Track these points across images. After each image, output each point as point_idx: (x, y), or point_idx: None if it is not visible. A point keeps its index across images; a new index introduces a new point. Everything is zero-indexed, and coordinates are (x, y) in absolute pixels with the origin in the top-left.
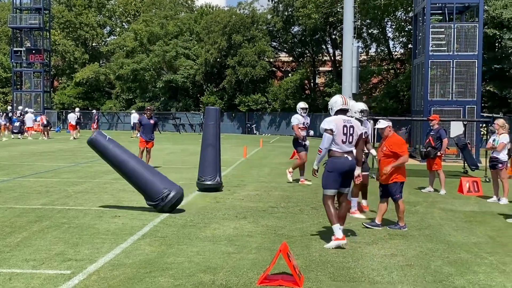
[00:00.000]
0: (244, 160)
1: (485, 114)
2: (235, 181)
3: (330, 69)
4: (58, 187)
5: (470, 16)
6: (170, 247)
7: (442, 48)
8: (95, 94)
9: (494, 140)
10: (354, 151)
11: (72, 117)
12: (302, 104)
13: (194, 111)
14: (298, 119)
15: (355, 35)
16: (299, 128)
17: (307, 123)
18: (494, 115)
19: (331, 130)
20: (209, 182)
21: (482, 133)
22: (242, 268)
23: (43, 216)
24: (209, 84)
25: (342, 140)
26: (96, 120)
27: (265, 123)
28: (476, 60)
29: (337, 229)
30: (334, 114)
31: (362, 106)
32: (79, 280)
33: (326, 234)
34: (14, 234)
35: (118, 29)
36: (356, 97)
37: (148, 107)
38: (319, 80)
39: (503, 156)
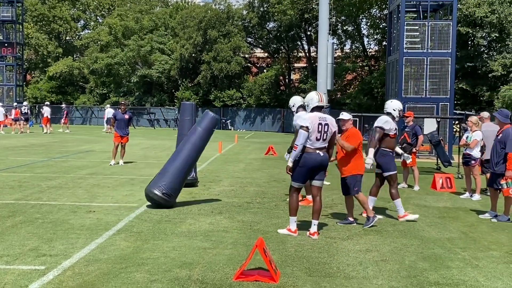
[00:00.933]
0: (219, 156)
1: (457, 112)
2: (210, 176)
3: (305, 65)
4: (32, 182)
5: (444, 14)
6: (146, 243)
7: (416, 46)
8: (69, 89)
9: (467, 137)
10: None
11: (47, 111)
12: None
13: (168, 106)
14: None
15: (330, 31)
16: None
17: None
18: (467, 112)
19: (307, 127)
20: None
21: (454, 130)
22: (218, 264)
23: (16, 211)
24: (184, 79)
25: (317, 137)
26: (65, 115)
27: (240, 119)
28: (450, 58)
29: (293, 221)
30: (310, 111)
31: (399, 105)
32: (53, 276)
33: (302, 230)
34: None
35: (92, 23)
36: (331, 93)
37: (123, 102)
38: (294, 76)
39: (476, 153)
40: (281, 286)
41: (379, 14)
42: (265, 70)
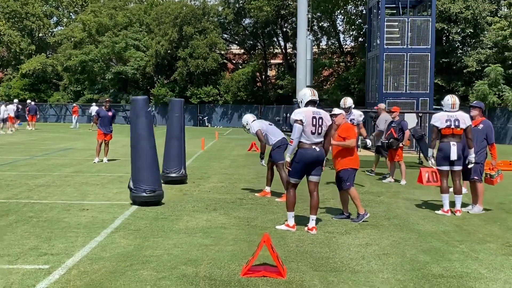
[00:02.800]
0: (203, 152)
1: (434, 106)
2: (198, 173)
3: (281, 61)
4: (18, 181)
5: (422, 10)
6: (146, 240)
7: (396, 42)
8: (42, 86)
9: None
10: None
11: (11, 109)
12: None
13: None
14: None
15: (309, 28)
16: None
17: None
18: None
19: (301, 120)
20: (174, 175)
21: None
22: (223, 260)
23: (9, 211)
24: (159, 76)
25: (311, 131)
26: (27, 112)
27: (217, 116)
28: (429, 54)
29: (291, 216)
30: (304, 106)
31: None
32: (59, 275)
33: (300, 224)
34: None
35: (65, 19)
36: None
37: (107, 99)
38: (271, 73)
39: None
40: (289, 282)
41: (355, 11)
42: (240, 66)
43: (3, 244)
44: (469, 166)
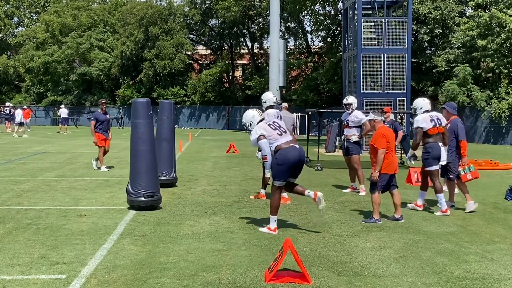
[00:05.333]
0: (182, 154)
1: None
2: (184, 176)
3: (247, 62)
4: (1, 186)
5: (395, 10)
6: (156, 246)
7: (372, 42)
8: (4, 88)
9: None
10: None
11: None
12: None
13: (109, 104)
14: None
15: (282, 28)
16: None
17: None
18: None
19: (263, 135)
20: (164, 178)
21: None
22: (241, 266)
23: (3, 218)
24: (125, 77)
25: (278, 133)
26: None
27: (184, 117)
28: (406, 54)
29: (273, 220)
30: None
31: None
32: (79, 285)
33: (305, 227)
34: None
35: (26, 20)
36: (281, 89)
37: (103, 101)
38: (237, 73)
39: None
40: (315, 287)
41: (323, 11)
42: (206, 67)
43: (9, 253)
44: (443, 164)
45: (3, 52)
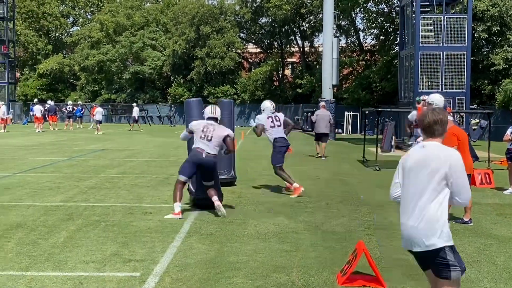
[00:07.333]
0: (236, 153)
1: (470, 106)
2: (241, 174)
3: (297, 60)
4: (67, 183)
5: (454, 7)
6: (223, 245)
7: (430, 40)
8: (59, 86)
9: (511, 133)
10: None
11: (37, 109)
12: None
13: (161, 102)
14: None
15: (335, 26)
16: None
17: None
18: (470, 106)
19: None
20: (224, 177)
21: (472, 122)
22: (312, 268)
23: (71, 214)
24: (176, 76)
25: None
26: (47, 112)
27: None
28: (465, 52)
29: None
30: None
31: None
32: (154, 283)
33: (371, 229)
34: (54, 233)
35: (81, 19)
36: (333, 88)
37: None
38: (287, 72)
39: None
40: None
41: (375, 9)
42: (256, 66)
43: (83, 250)
44: None
45: (59, 51)
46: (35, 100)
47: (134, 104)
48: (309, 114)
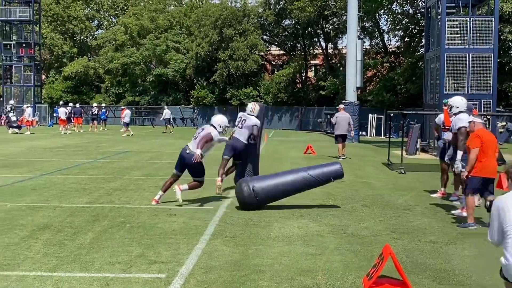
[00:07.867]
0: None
1: (497, 108)
2: None
3: (320, 62)
4: (92, 184)
5: (480, 9)
6: (248, 248)
7: (456, 42)
8: (84, 88)
9: None
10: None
11: (62, 112)
12: None
13: (184, 105)
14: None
15: (359, 28)
16: None
17: None
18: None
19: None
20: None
21: (499, 125)
22: (337, 271)
23: (97, 215)
24: (199, 78)
25: (237, 124)
26: (73, 114)
27: None
28: (492, 54)
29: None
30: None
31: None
32: (180, 285)
33: (397, 232)
34: (80, 235)
35: (106, 22)
36: (357, 90)
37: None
38: (310, 74)
39: None
40: None
41: (400, 10)
42: (279, 68)
43: (108, 251)
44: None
45: (84, 53)
46: (60, 102)
47: (165, 106)
48: (328, 116)
